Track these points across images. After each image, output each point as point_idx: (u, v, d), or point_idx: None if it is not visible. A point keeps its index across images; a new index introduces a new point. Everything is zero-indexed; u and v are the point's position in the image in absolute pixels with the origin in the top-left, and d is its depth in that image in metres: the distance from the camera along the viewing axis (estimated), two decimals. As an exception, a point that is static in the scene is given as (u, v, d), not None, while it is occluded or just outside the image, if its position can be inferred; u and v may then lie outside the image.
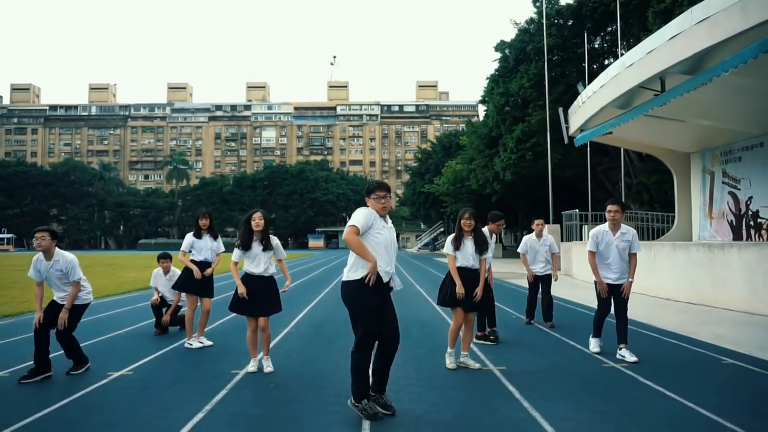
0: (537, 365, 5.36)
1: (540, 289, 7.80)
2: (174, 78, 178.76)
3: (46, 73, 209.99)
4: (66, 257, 5.08)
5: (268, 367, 5.13)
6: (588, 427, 3.55)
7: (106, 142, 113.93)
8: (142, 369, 5.25)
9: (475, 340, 6.43)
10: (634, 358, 5.42)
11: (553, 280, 7.75)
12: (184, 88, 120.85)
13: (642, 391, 4.43)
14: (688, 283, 10.43)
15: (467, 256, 5.23)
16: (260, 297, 5.12)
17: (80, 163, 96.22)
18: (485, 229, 6.05)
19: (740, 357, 5.64)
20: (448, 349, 5.33)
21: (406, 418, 3.77)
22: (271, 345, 5.59)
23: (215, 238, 6.56)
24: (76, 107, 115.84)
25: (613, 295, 5.71)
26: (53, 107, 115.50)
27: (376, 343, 3.86)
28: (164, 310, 7.43)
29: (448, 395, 4.33)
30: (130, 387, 4.64)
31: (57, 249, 5.10)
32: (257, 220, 5.14)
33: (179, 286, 6.57)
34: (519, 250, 7.95)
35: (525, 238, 7.91)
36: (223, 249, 6.64)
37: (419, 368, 5.21)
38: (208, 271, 6.39)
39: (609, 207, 5.76)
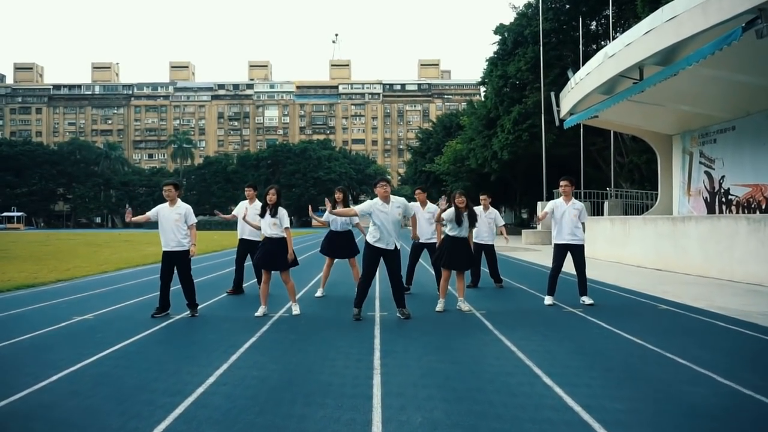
0: (509, 309, 6.75)
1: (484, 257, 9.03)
2: (176, 57, 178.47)
3: (48, 52, 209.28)
4: (185, 204, 6.58)
5: (296, 311, 6.52)
6: (539, 345, 4.92)
7: (110, 121, 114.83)
8: (204, 309, 6.62)
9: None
10: (590, 301, 6.96)
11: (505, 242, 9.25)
12: (187, 67, 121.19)
13: (584, 323, 5.80)
14: (654, 251, 11.79)
15: (461, 229, 6.63)
16: (274, 254, 6.47)
17: (86, 143, 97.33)
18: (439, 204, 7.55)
19: (674, 305, 7.01)
20: (440, 298, 6.76)
21: (411, 340, 5.14)
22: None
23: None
24: (79, 86, 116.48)
25: (570, 253, 7.03)
26: (57, 86, 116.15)
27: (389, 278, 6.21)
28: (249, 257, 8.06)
29: (439, 330, 5.72)
30: (194, 322, 6.03)
31: (178, 199, 6.55)
32: (270, 195, 6.55)
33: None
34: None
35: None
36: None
37: (415, 313, 6.61)
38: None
39: (562, 182, 7.16)
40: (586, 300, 7.02)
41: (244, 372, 4.10)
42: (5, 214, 77.94)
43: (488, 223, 8.76)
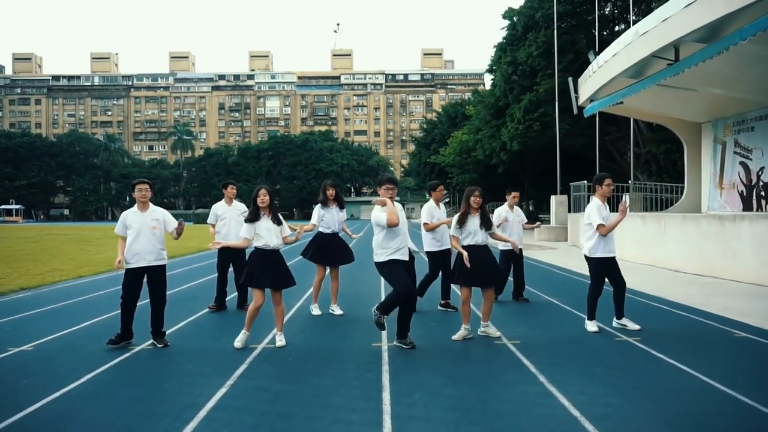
0: (548, 337, 5.44)
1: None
2: (176, 47, 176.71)
3: (47, 42, 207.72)
4: (159, 208, 5.42)
5: (280, 341, 5.21)
6: (608, 404, 3.62)
7: (109, 112, 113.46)
8: (173, 334, 5.34)
9: (438, 307, 6.90)
10: (636, 326, 5.70)
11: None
12: (187, 57, 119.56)
13: (652, 363, 4.50)
14: (696, 254, 10.45)
15: (472, 233, 5.31)
16: (280, 270, 5.18)
17: (85, 135, 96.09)
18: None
19: (752, 330, 5.69)
20: (463, 324, 5.45)
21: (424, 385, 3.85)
22: (285, 319, 5.68)
23: (342, 207, 6.85)
24: (78, 77, 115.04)
25: (608, 269, 5.72)
26: (56, 77, 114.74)
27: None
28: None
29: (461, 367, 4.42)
30: (153, 361, 4.75)
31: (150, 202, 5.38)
32: (262, 197, 5.18)
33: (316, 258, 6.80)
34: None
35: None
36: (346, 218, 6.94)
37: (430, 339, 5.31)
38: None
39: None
40: (629, 324, 5.69)
41: (196, 463, 2.83)
42: (3, 207, 76.86)
43: (519, 222, 7.44)
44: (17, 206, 77.26)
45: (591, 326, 5.72)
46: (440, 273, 6.91)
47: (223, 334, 5.73)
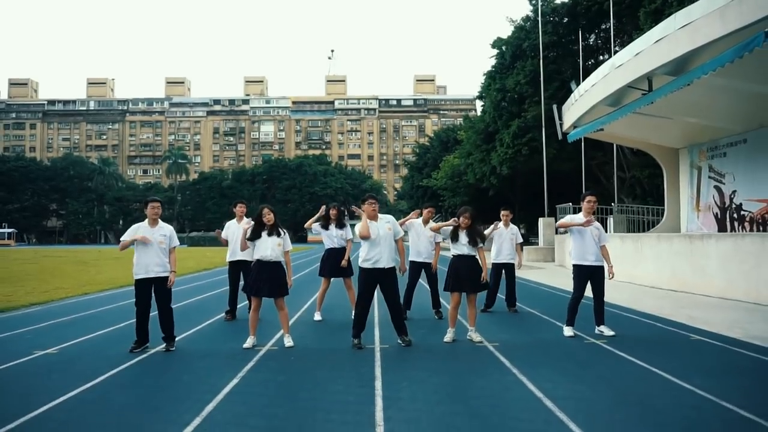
0: (526, 341, 6.03)
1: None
2: (172, 72, 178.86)
3: (43, 67, 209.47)
4: (167, 225, 5.96)
5: (288, 343, 5.79)
6: (570, 389, 4.21)
7: (104, 136, 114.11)
8: (178, 344, 5.88)
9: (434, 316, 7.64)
10: (611, 332, 6.25)
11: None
12: (182, 82, 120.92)
13: (615, 360, 5.11)
14: (669, 271, 11.11)
15: (461, 246, 6.00)
16: (272, 279, 5.75)
17: (79, 158, 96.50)
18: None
19: (707, 334, 6.31)
20: (449, 328, 6.07)
21: (415, 381, 4.43)
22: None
23: (341, 227, 7.57)
24: (74, 102, 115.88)
25: (592, 278, 6.34)
26: (51, 102, 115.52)
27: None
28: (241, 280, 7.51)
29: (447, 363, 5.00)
30: (169, 359, 5.30)
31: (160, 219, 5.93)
32: (268, 216, 5.83)
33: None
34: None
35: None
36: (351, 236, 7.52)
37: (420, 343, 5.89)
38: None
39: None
40: (605, 330, 6.31)
41: (220, 430, 3.38)
42: (-4, 230, 76.73)
43: (510, 239, 8.16)
44: (9, 230, 77.18)
45: (567, 331, 6.32)
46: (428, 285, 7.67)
47: (230, 339, 6.29)
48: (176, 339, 5.91)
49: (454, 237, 6.03)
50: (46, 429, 3.46)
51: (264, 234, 5.78)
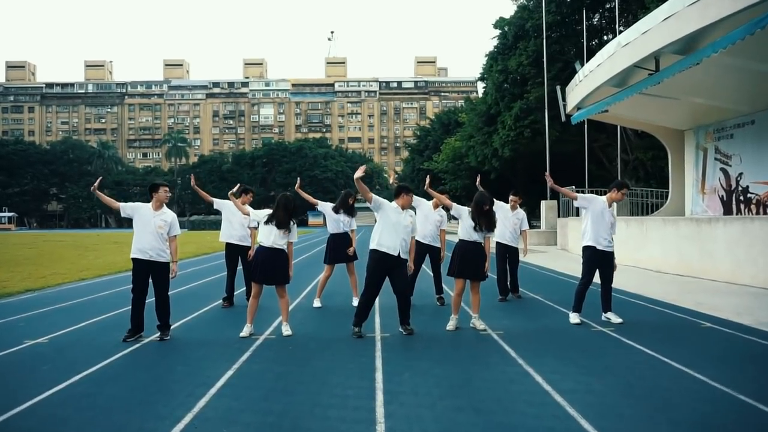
0: (531, 328, 5.87)
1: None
2: (170, 54, 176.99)
3: (41, 50, 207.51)
4: (171, 212, 5.78)
5: (286, 331, 5.62)
6: (577, 381, 4.05)
7: (103, 120, 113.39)
8: (173, 332, 5.72)
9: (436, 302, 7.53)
10: (618, 320, 6.07)
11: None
12: (181, 65, 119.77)
13: (623, 349, 4.94)
14: (676, 255, 10.92)
15: (470, 231, 5.80)
16: (275, 267, 5.58)
17: (79, 142, 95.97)
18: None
19: (717, 321, 6.14)
20: (452, 315, 5.91)
21: (416, 372, 4.26)
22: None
23: (352, 215, 7.58)
24: (72, 85, 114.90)
25: (600, 264, 6.15)
26: (49, 85, 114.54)
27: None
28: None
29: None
30: (164, 348, 5.14)
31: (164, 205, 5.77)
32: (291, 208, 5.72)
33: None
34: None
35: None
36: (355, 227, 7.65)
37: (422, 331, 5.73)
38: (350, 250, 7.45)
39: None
40: (613, 317, 6.13)
41: (211, 428, 3.22)
42: (-4, 214, 76.67)
43: (514, 223, 7.95)
44: (10, 214, 77.07)
45: (573, 318, 6.14)
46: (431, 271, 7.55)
47: (227, 327, 6.13)
48: (171, 327, 5.75)
49: (476, 220, 5.74)
50: (28, 426, 3.30)
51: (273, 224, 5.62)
